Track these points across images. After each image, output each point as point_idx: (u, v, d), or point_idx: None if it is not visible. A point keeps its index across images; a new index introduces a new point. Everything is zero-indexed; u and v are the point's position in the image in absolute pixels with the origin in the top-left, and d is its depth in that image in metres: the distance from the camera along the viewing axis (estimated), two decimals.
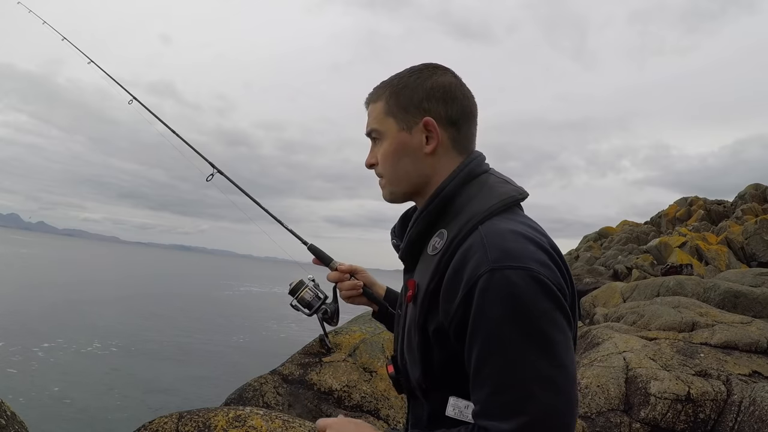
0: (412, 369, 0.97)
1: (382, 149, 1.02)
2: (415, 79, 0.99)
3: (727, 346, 5.26)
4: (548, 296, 0.79)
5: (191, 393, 10.35)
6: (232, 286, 46.34)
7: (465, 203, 0.93)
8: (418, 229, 0.98)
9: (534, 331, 0.77)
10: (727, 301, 7.78)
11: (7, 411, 2.61)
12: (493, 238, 0.83)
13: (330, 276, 1.36)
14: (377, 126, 1.02)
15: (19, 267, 39.90)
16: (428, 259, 0.94)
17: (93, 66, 2.09)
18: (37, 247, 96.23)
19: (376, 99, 1.02)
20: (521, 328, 0.77)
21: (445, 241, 0.90)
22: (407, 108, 0.99)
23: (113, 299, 23.98)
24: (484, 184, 0.96)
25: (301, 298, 1.37)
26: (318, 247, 1.42)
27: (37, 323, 15.62)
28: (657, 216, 26.57)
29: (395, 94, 1.00)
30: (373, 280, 1.38)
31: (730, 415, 4.23)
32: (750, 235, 17.16)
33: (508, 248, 0.81)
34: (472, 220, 0.88)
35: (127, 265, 68.02)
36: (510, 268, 0.79)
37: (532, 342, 0.77)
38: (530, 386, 0.75)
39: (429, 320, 0.90)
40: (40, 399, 8.82)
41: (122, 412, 8.62)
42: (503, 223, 0.87)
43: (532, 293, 0.78)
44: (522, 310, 0.77)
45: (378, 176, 1.06)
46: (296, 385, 4.12)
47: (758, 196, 22.18)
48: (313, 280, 1.40)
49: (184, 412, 2.62)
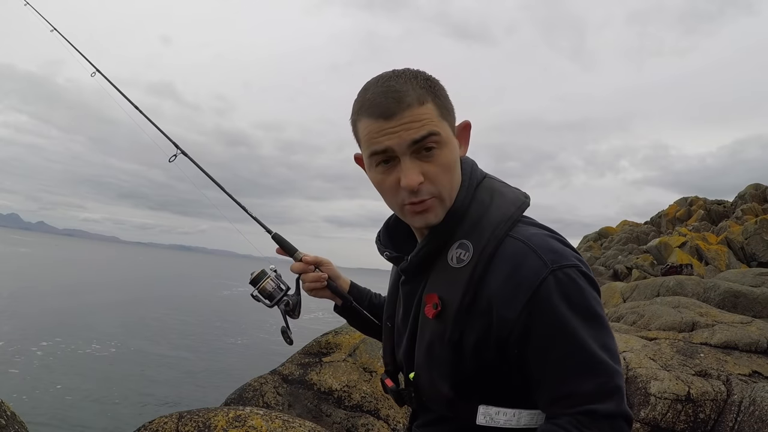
0: (436, 383, 0.94)
1: (442, 159, 0.89)
2: (436, 81, 0.91)
3: (727, 346, 5.26)
4: (594, 286, 0.86)
5: (191, 393, 10.35)
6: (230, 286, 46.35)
7: (481, 212, 0.92)
8: (438, 242, 0.93)
9: (597, 317, 0.84)
10: (727, 301, 7.78)
11: (7, 411, 2.61)
12: (537, 242, 0.86)
13: (294, 267, 1.31)
14: (437, 129, 0.87)
15: (18, 267, 39.90)
16: (452, 271, 0.90)
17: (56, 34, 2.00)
18: (37, 247, 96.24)
19: (422, 99, 0.87)
20: (591, 318, 0.83)
21: (472, 252, 0.88)
22: (450, 109, 0.92)
23: (112, 299, 23.98)
24: (493, 191, 0.96)
25: (263, 288, 1.33)
26: (283, 237, 1.38)
27: (36, 323, 15.61)
28: (657, 216, 26.57)
29: (435, 94, 0.89)
30: (338, 273, 1.35)
31: (730, 415, 4.23)
32: (750, 235, 17.15)
33: (555, 249, 0.86)
34: (498, 229, 0.88)
35: (127, 266, 68.04)
36: (567, 266, 0.84)
37: (601, 326, 0.84)
38: (611, 365, 0.82)
39: (466, 334, 0.88)
40: (39, 399, 8.81)
41: (122, 412, 8.62)
42: (532, 229, 0.90)
43: (588, 286, 0.85)
44: (586, 304, 0.83)
45: (422, 195, 0.89)
46: (296, 385, 4.12)
47: (758, 196, 22.18)
48: (275, 270, 1.35)
49: (184, 412, 2.62)
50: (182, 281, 47.95)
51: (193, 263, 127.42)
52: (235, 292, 39.49)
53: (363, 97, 0.91)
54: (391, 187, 0.90)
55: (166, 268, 74.28)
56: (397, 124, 0.86)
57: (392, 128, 0.86)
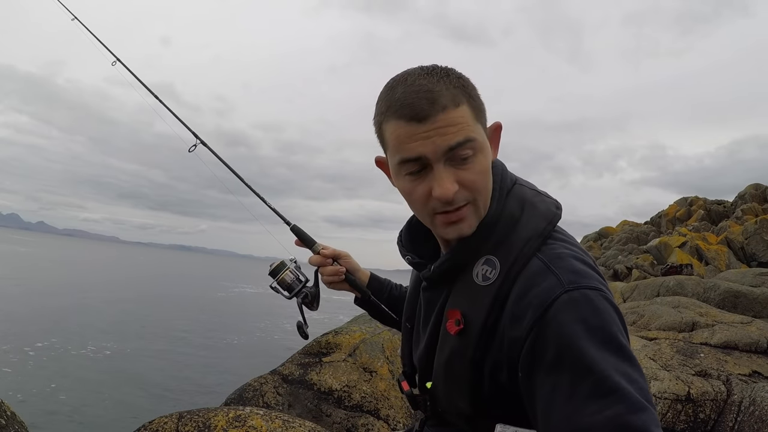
0: (454, 399, 0.92)
1: (478, 167, 0.82)
2: (468, 80, 0.84)
3: (727, 346, 5.26)
4: (618, 315, 0.75)
5: (191, 393, 10.35)
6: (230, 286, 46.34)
7: (511, 226, 0.86)
8: (466, 256, 0.88)
9: (621, 347, 0.71)
10: (727, 301, 7.79)
11: (7, 411, 2.61)
12: (559, 262, 0.80)
13: (312, 259, 1.31)
14: (474, 134, 0.81)
15: (17, 267, 39.90)
16: (477, 289, 0.85)
17: (77, 23, 2.04)
18: (37, 247, 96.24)
19: (457, 100, 0.79)
20: (610, 344, 0.70)
21: (499, 270, 0.83)
22: (483, 111, 0.85)
23: (111, 300, 23.98)
24: (524, 201, 0.89)
25: (282, 279, 1.31)
26: (301, 229, 1.37)
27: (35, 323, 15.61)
28: (657, 216, 26.58)
29: (470, 94, 0.82)
30: (357, 266, 1.34)
31: (730, 415, 4.23)
32: (750, 235, 17.16)
33: (577, 270, 0.78)
34: (527, 247, 0.83)
35: (126, 266, 68.03)
36: (586, 287, 0.75)
37: (624, 356, 0.70)
38: (634, 396, 0.66)
39: (487, 356, 0.84)
40: (38, 399, 8.81)
41: (122, 412, 8.62)
42: (560, 248, 0.83)
43: (609, 311, 0.74)
44: (607, 329, 0.72)
45: (457, 203, 0.83)
46: (296, 385, 4.12)
47: (758, 196, 22.18)
48: (294, 261, 1.34)
49: (184, 412, 2.62)
50: (182, 281, 47.95)
51: (193, 263, 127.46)
52: (235, 292, 39.51)
53: (390, 96, 0.82)
54: (421, 196, 0.83)
55: (166, 268, 74.31)
56: (431, 128, 0.78)
57: (425, 132, 0.78)
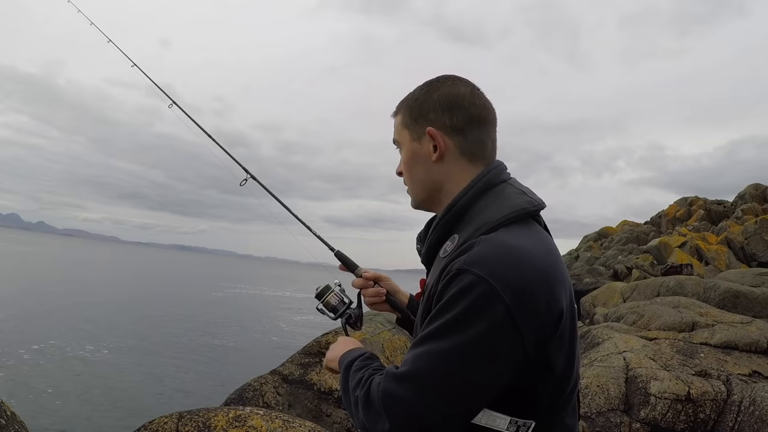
0: None
1: (402, 158, 1.11)
2: (425, 92, 1.07)
3: (727, 346, 5.26)
4: (490, 321, 0.79)
5: (191, 393, 10.34)
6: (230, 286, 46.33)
7: (479, 212, 0.97)
8: (436, 235, 1.03)
9: (452, 335, 0.81)
10: (727, 301, 7.79)
11: (7, 411, 2.61)
12: (485, 246, 0.86)
13: (355, 282, 1.43)
14: (396, 137, 1.12)
15: (17, 267, 39.89)
16: (439, 261, 1.00)
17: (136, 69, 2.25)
18: (37, 247, 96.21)
19: (397, 112, 1.12)
20: (445, 331, 0.82)
21: (455, 245, 0.95)
22: (417, 119, 1.06)
23: (111, 300, 23.97)
24: (500, 195, 0.99)
25: (327, 302, 1.42)
26: (344, 254, 1.48)
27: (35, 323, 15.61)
28: (657, 216, 26.58)
29: (408, 107, 1.08)
30: (397, 288, 1.43)
31: (730, 415, 4.23)
32: (750, 235, 17.17)
33: (487, 258, 0.83)
34: (481, 228, 0.92)
35: (126, 266, 68.02)
36: (474, 275, 0.81)
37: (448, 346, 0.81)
38: (427, 373, 0.81)
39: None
40: (38, 399, 8.81)
41: (122, 412, 8.62)
42: (506, 236, 0.88)
43: (477, 308, 0.80)
44: (461, 316, 0.81)
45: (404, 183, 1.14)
46: (296, 385, 4.12)
47: (758, 196, 22.19)
48: (339, 285, 1.44)
49: (184, 412, 2.62)
50: (182, 281, 47.94)
51: (193, 263, 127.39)
52: (235, 293, 39.50)
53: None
54: None
55: (165, 269, 74.27)
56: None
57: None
